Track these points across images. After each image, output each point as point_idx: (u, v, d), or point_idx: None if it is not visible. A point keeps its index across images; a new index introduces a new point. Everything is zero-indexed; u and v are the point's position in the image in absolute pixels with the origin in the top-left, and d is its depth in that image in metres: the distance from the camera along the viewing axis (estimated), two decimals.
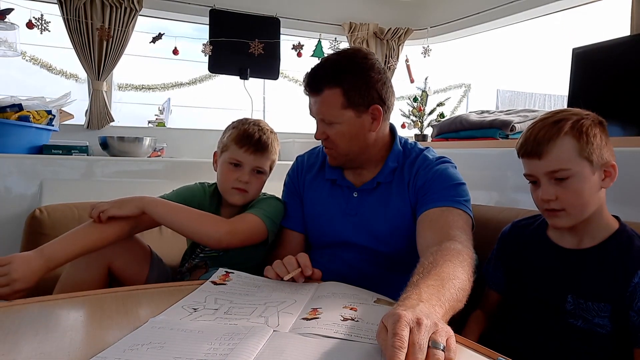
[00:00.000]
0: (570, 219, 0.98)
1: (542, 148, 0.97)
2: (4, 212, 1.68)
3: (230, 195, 1.27)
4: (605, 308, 0.95)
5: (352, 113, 1.16)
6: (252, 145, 1.25)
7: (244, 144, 1.25)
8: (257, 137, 1.26)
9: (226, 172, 1.27)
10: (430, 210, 1.12)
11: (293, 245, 1.31)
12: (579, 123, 0.96)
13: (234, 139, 1.26)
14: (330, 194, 1.28)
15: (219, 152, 1.31)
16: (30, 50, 2.65)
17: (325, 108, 1.17)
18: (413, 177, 1.20)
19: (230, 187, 1.26)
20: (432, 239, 1.03)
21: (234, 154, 1.26)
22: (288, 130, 2.91)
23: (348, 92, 1.14)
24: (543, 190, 0.99)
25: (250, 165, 1.26)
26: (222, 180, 1.28)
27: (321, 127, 1.20)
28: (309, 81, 1.19)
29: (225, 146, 1.28)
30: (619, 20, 1.92)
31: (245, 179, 1.25)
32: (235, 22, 2.60)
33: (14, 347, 0.65)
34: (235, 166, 1.26)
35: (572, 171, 0.95)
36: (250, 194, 1.28)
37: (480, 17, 2.64)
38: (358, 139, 1.19)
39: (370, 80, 1.16)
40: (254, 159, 1.26)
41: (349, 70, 1.15)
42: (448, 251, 0.91)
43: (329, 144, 1.20)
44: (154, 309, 0.81)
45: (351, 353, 0.66)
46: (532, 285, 1.06)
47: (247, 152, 1.25)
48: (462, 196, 1.15)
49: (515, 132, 1.96)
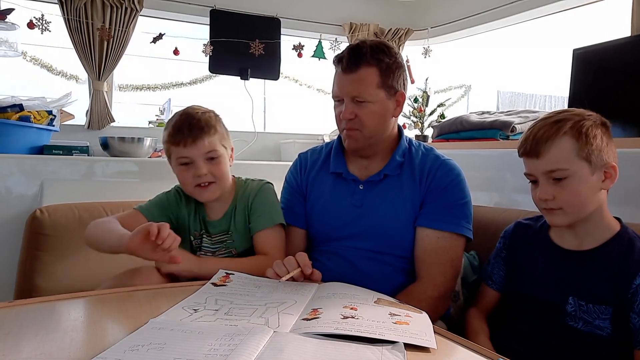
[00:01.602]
0: (567, 218, 0.99)
1: (540, 147, 0.97)
2: (5, 212, 1.68)
3: (199, 195, 1.21)
4: (607, 310, 0.95)
5: (384, 94, 1.20)
6: (187, 136, 1.15)
7: (179, 139, 1.16)
8: (188, 125, 1.16)
9: (182, 175, 1.20)
10: (430, 232, 1.19)
11: (295, 241, 1.32)
12: (579, 123, 0.96)
13: (169, 140, 1.18)
14: (335, 187, 1.29)
15: (168, 159, 1.24)
16: (31, 51, 2.65)
17: (361, 86, 1.18)
18: (427, 174, 1.23)
19: (193, 187, 1.19)
20: (419, 267, 1.20)
21: (177, 154, 1.18)
22: (288, 130, 2.91)
23: (383, 72, 1.19)
24: (541, 190, 0.99)
25: (199, 155, 1.17)
26: (183, 184, 1.22)
27: (350, 106, 1.20)
28: (348, 58, 1.19)
29: (167, 150, 1.21)
30: (620, 21, 1.92)
31: (203, 171, 1.17)
32: (236, 23, 2.60)
33: (14, 347, 0.65)
34: (187, 165, 1.18)
35: (569, 171, 0.95)
36: (220, 183, 1.21)
37: (481, 18, 2.63)
38: (384, 121, 1.23)
39: (400, 66, 1.23)
40: (198, 148, 1.16)
41: (385, 53, 1.20)
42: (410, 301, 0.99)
43: (355, 124, 1.21)
44: (154, 309, 0.81)
45: (351, 353, 0.66)
46: (533, 286, 1.06)
47: (187, 145, 1.16)
48: (467, 216, 1.22)
49: (516, 133, 1.96)
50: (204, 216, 1.28)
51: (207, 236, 1.27)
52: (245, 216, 1.26)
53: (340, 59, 1.21)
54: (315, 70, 3.12)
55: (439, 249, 1.18)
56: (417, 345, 0.70)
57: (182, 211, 1.28)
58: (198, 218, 1.28)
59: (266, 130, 3.00)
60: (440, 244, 1.18)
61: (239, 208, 1.27)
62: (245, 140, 2.71)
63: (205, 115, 1.20)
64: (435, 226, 1.19)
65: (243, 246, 1.27)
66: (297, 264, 1.01)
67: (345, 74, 1.20)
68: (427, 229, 1.20)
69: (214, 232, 1.27)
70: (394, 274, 1.22)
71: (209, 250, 1.28)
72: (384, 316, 0.80)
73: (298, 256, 1.03)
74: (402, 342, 0.69)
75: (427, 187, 1.22)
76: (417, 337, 0.72)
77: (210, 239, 1.27)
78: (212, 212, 1.27)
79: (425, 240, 1.20)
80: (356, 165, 1.29)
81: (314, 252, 1.29)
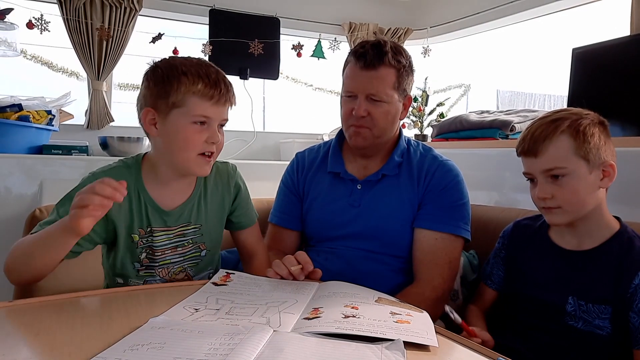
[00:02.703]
0: (566, 216, 0.99)
1: (538, 146, 0.98)
2: (4, 212, 1.68)
3: (197, 166, 1.00)
4: (606, 310, 0.95)
5: (397, 96, 1.21)
6: (224, 93, 0.98)
7: (213, 94, 0.96)
8: (224, 81, 0.99)
9: (192, 136, 0.97)
10: (428, 233, 1.19)
11: (289, 243, 1.32)
12: (577, 122, 0.96)
13: (198, 91, 0.96)
14: (332, 187, 1.29)
15: (163, 109, 0.97)
16: (30, 50, 2.65)
17: (379, 84, 1.18)
18: (425, 174, 1.23)
19: (197, 154, 0.98)
20: (417, 269, 1.19)
21: (202, 110, 0.96)
22: (288, 130, 2.91)
23: (400, 74, 1.19)
24: (539, 188, 0.99)
25: (220, 118, 1.00)
26: (186, 147, 0.98)
27: (364, 104, 1.18)
28: (372, 55, 1.17)
29: (180, 101, 0.96)
30: (619, 20, 1.92)
31: (218, 138, 0.99)
32: (235, 22, 2.60)
33: (14, 347, 0.65)
34: (202, 125, 0.98)
35: (567, 169, 0.96)
36: (216, 157, 1.04)
37: (480, 17, 2.63)
38: (393, 122, 1.23)
39: (412, 71, 1.24)
40: (224, 111, 1.01)
41: (403, 55, 1.21)
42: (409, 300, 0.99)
43: (366, 122, 1.20)
44: (154, 309, 0.81)
45: (351, 352, 0.66)
46: (533, 286, 1.06)
47: (219, 103, 0.98)
48: (464, 217, 1.22)
49: (515, 132, 1.96)
50: (155, 205, 1.03)
51: (161, 231, 1.05)
52: (222, 205, 1.11)
53: (361, 55, 1.17)
54: (314, 70, 3.12)
55: (437, 250, 1.18)
56: (417, 345, 0.70)
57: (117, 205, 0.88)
58: (143, 209, 1.03)
59: (265, 130, 3.00)
60: (438, 245, 1.18)
61: (210, 194, 1.09)
62: (244, 140, 2.71)
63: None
64: (433, 227, 1.19)
65: (213, 241, 1.11)
66: (298, 263, 1.01)
67: (364, 71, 1.17)
68: (425, 230, 1.20)
69: (173, 224, 1.06)
70: (392, 274, 1.22)
71: (167, 247, 1.06)
72: (385, 315, 0.80)
73: (298, 255, 1.03)
74: (402, 341, 0.69)
75: (425, 188, 1.23)
76: (418, 336, 0.72)
77: (167, 233, 1.05)
78: (165, 200, 1.04)
79: (423, 241, 1.20)
80: (354, 165, 1.29)
81: (310, 251, 1.29)
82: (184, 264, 1.09)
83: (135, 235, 1.03)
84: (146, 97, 0.99)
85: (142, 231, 1.03)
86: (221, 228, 1.14)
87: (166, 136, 0.99)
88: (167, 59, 1.01)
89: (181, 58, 1.00)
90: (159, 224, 1.04)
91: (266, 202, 1.81)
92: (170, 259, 1.07)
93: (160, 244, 1.05)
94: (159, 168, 1.04)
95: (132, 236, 1.03)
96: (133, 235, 1.03)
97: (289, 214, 1.33)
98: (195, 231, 1.08)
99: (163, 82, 0.96)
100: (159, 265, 1.07)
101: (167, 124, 0.98)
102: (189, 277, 1.10)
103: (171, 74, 0.96)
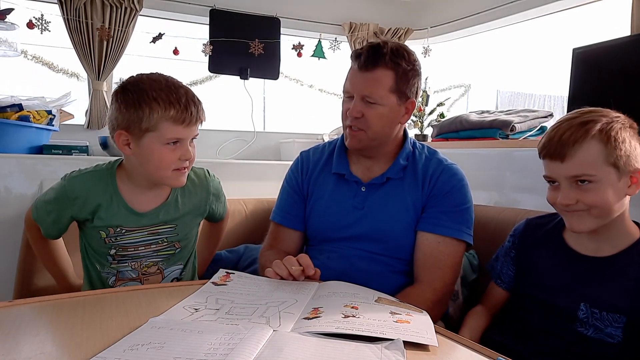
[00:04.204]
0: (591, 223, 0.93)
1: (566, 150, 0.91)
2: (4, 212, 1.68)
3: (173, 179, 1.08)
4: (620, 319, 0.92)
5: (395, 99, 1.19)
6: (193, 115, 1.04)
7: (185, 118, 1.03)
8: (193, 103, 1.05)
9: (166, 156, 1.04)
10: (431, 237, 1.19)
11: (290, 243, 1.32)
12: (608, 126, 0.90)
13: (171, 117, 1.01)
14: (337, 188, 1.29)
15: (136, 133, 1.03)
16: (31, 50, 2.65)
17: (374, 86, 1.17)
18: (429, 178, 1.23)
19: (170, 171, 1.06)
20: (419, 271, 1.19)
21: (173, 132, 1.03)
22: (288, 130, 2.91)
23: (399, 77, 1.17)
24: (563, 194, 0.93)
25: (191, 136, 1.08)
26: (161, 165, 1.05)
27: (359, 105, 1.18)
28: (367, 56, 1.17)
29: (153, 126, 1.02)
30: (620, 21, 1.92)
31: (190, 155, 1.07)
32: (236, 22, 2.60)
33: (14, 347, 0.65)
34: (174, 145, 1.05)
35: (596, 177, 0.90)
36: (190, 167, 1.12)
37: (481, 17, 2.63)
38: (390, 126, 1.22)
39: (416, 74, 1.21)
40: (194, 130, 1.07)
41: (404, 58, 1.18)
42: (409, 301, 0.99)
43: (361, 123, 1.19)
44: (154, 309, 0.81)
45: (350, 352, 0.66)
46: (543, 288, 1.02)
47: (190, 124, 1.04)
48: (468, 221, 1.21)
49: (515, 132, 1.96)
50: (129, 209, 1.11)
51: (131, 230, 1.12)
52: (199, 206, 1.20)
53: (358, 56, 1.18)
54: (314, 70, 3.12)
55: (439, 253, 1.18)
56: (417, 344, 0.70)
57: (92, 203, 1.08)
58: (115, 212, 1.11)
59: (266, 130, 3.00)
60: (441, 248, 1.18)
61: (188, 196, 1.18)
62: (244, 140, 2.71)
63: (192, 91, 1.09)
64: (436, 231, 1.19)
65: (188, 239, 1.19)
66: (299, 264, 1.01)
67: (360, 72, 1.18)
68: (428, 233, 1.19)
69: (147, 224, 1.13)
70: (394, 275, 1.22)
71: (140, 244, 1.14)
72: (385, 315, 0.80)
73: (300, 258, 1.03)
74: (402, 341, 0.69)
75: (429, 191, 1.22)
76: (418, 336, 0.72)
77: (140, 231, 1.13)
78: (140, 204, 1.12)
79: (426, 244, 1.19)
80: (359, 167, 1.28)
81: (312, 250, 1.29)
82: (156, 259, 1.17)
83: (103, 232, 1.11)
84: (118, 120, 1.04)
85: (111, 230, 1.11)
86: (197, 227, 1.22)
87: (141, 156, 1.06)
88: (135, 81, 1.05)
89: (149, 80, 1.04)
90: (131, 225, 1.12)
91: (266, 202, 1.81)
92: (143, 254, 1.15)
93: (130, 242, 1.13)
94: (135, 177, 1.12)
95: (100, 233, 1.11)
96: (101, 232, 1.11)
97: (292, 213, 1.32)
98: (170, 230, 1.16)
99: (135, 107, 1.01)
100: (132, 259, 1.15)
101: (141, 145, 1.04)
102: (160, 271, 1.18)
103: (142, 100, 1.01)
